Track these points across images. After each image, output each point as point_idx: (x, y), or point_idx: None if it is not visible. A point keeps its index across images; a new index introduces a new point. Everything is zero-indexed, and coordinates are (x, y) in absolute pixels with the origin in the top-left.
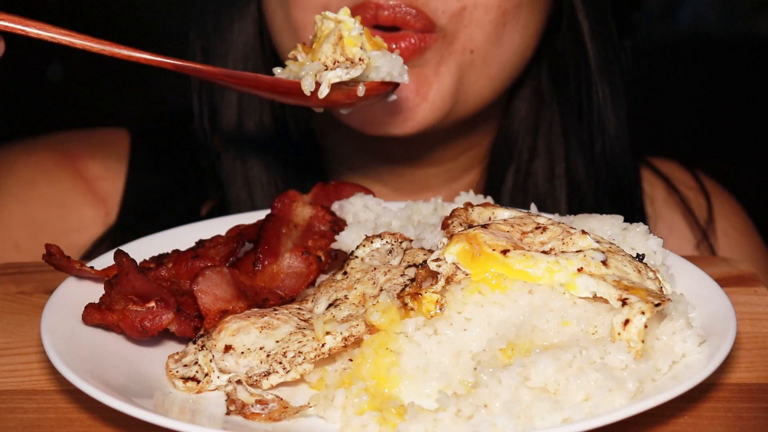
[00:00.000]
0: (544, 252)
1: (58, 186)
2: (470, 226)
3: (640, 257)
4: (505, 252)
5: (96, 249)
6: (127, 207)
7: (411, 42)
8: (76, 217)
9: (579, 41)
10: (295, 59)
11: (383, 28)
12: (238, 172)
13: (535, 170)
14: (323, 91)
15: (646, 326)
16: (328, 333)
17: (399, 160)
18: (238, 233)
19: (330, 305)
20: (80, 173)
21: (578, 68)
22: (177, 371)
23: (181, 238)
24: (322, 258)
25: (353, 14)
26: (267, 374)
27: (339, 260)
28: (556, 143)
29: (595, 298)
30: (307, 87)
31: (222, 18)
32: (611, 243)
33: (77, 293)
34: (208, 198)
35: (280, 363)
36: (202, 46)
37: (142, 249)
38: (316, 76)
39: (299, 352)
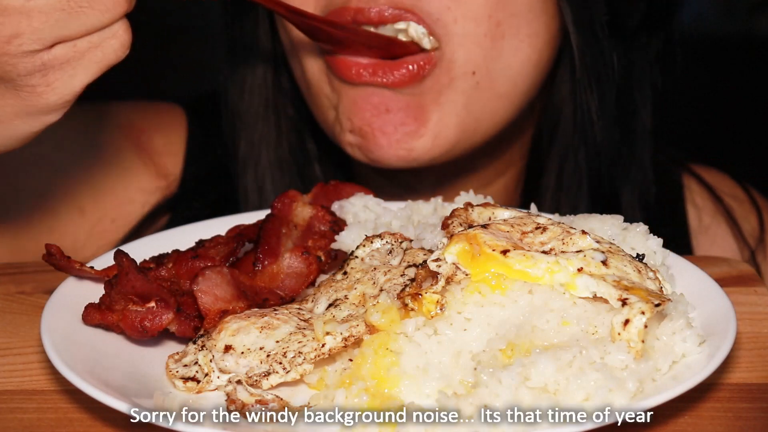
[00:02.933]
0: (544, 252)
1: (124, 155)
2: (470, 226)
3: (640, 257)
4: (505, 252)
5: (151, 220)
6: (185, 184)
7: (408, 69)
8: (138, 188)
9: (569, 45)
10: None
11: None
12: (253, 167)
13: (577, 159)
14: None
15: (646, 326)
16: (328, 333)
17: (427, 172)
18: (238, 233)
19: (330, 305)
20: (143, 146)
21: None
22: (177, 371)
23: (181, 238)
24: (322, 258)
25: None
26: (267, 374)
27: (339, 260)
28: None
29: (595, 298)
30: None
31: (238, 30)
32: (611, 243)
33: (77, 293)
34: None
35: (280, 363)
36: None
37: (142, 249)
38: None
39: (299, 353)
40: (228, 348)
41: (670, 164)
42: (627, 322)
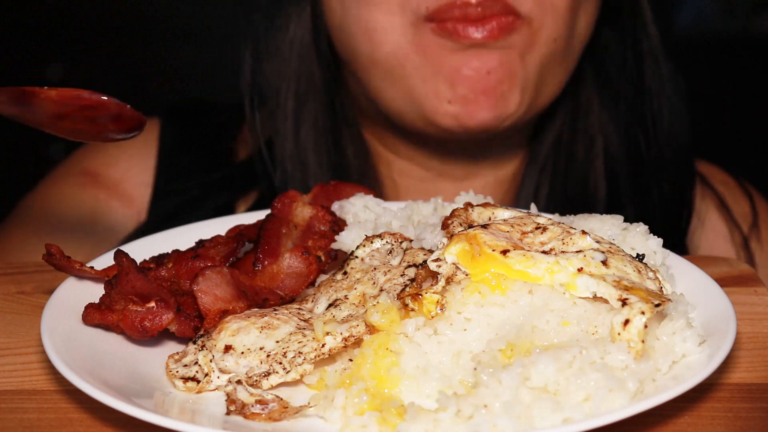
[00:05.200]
0: (544, 252)
1: (83, 208)
2: (470, 226)
3: (640, 257)
4: (505, 252)
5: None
6: (157, 202)
7: (500, 20)
8: (104, 226)
9: (641, 22)
10: None
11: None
12: (294, 168)
13: (576, 148)
14: None
15: (646, 326)
16: (328, 333)
17: (452, 153)
18: (238, 233)
19: (330, 305)
20: (102, 185)
21: (626, 54)
22: (177, 371)
23: (181, 238)
24: (322, 258)
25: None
26: (267, 374)
27: (339, 260)
28: (595, 123)
29: (595, 298)
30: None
31: (276, 20)
32: (611, 243)
33: (77, 293)
34: (241, 193)
35: (280, 363)
36: (252, 49)
37: (142, 249)
38: None
39: (299, 353)
40: (228, 348)
41: (687, 134)
42: (627, 322)
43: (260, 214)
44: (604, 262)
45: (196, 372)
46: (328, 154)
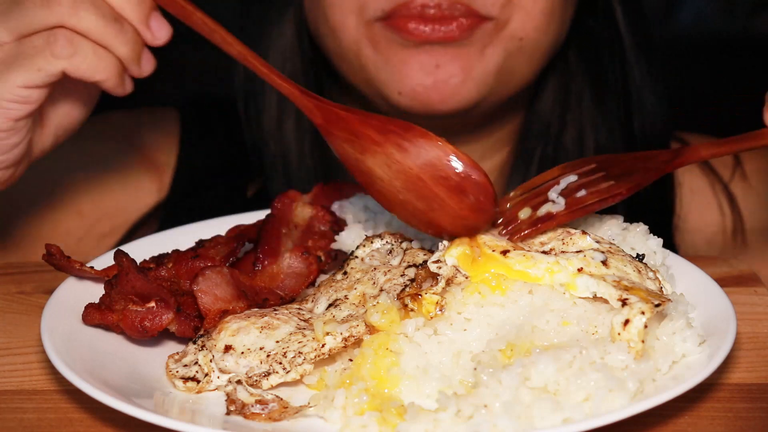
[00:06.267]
0: (544, 252)
1: (117, 156)
2: None
3: (640, 257)
4: (505, 252)
5: (146, 222)
6: (178, 182)
7: (462, 22)
8: (134, 184)
9: (613, 23)
10: None
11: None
12: (278, 167)
13: (565, 142)
14: None
15: (646, 326)
16: (328, 333)
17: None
18: (238, 233)
19: (330, 305)
20: (136, 145)
21: (613, 48)
22: (177, 371)
23: (181, 238)
24: (322, 258)
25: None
26: (267, 374)
27: (339, 260)
28: (585, 116)
29: (595, 298)
30: None
31: (263, 22)
32: (611, 243)
33: (77, 293)
34: (252, 179)
35: (280, 363)
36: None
37: (142, 249)
38: None
39: (299, 353)
40: (228, 348)
41: (664, 134)
42: (627, 322)
43: (260, 214)
44: (604, 262)
45: (196, 372)
46: (311, 151)
